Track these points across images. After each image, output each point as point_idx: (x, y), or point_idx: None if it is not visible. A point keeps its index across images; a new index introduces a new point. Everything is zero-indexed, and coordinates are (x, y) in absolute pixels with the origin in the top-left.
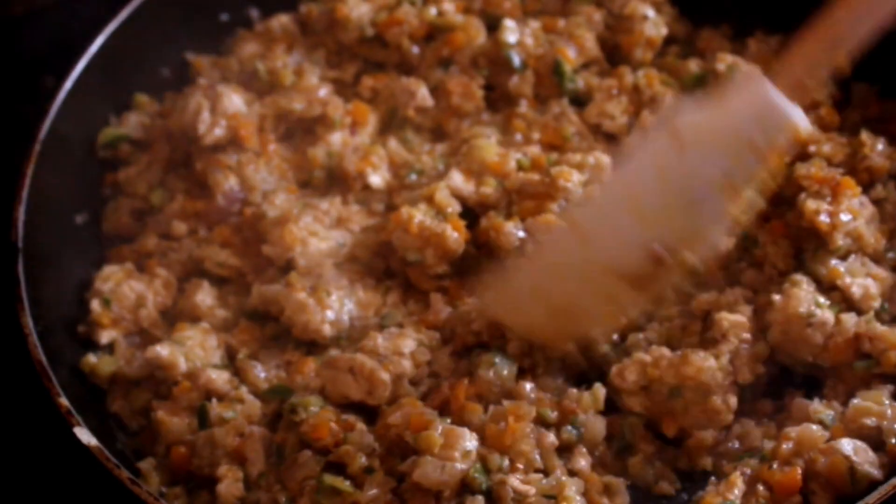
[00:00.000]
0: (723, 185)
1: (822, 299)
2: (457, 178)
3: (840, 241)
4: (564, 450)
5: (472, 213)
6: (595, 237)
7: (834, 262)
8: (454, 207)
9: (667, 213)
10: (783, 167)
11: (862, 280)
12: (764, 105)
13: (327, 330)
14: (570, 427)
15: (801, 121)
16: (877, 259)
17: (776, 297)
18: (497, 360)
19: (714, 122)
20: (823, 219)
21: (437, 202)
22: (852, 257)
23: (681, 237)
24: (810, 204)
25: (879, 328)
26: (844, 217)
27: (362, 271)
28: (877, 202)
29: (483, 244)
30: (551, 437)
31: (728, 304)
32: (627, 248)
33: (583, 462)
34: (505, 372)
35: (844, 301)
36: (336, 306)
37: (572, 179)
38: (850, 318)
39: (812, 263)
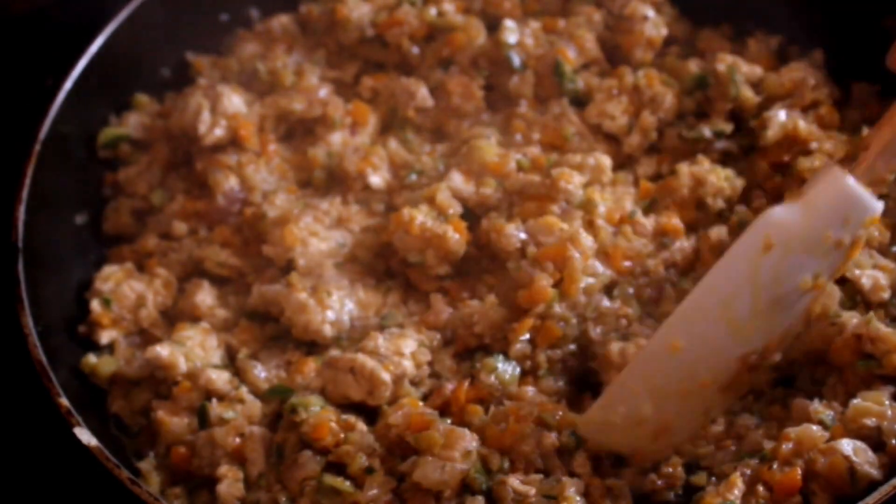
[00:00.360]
0: (811, 286)
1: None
2: (457, 179)
3: None
4: (565, 453)
5: (473, 213)
6: (688, 350)
7: None
8: (455, 209)
9: (757, 319)
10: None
11: (871, 272)
12: (849, 203)
13: (328, 330)
14: (571, 432)
15: (878, 210)
16: (882, 252)
17: None
18: (499, 364)
19: (802, 224)
20: None
21: (439, 203)
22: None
23: (771, 341)
24: None
25: (882, 329)
26: None
27: (363, 271)
28: (879, 198)
29: (484, 245)
30: (552, 437)
31: None
32: (721, 359)
33: (583, 466)
34: (507, 376)
35: (856, 293)
36: (336, 306)
37: (573, 181)
38: (851, 319)
39: None
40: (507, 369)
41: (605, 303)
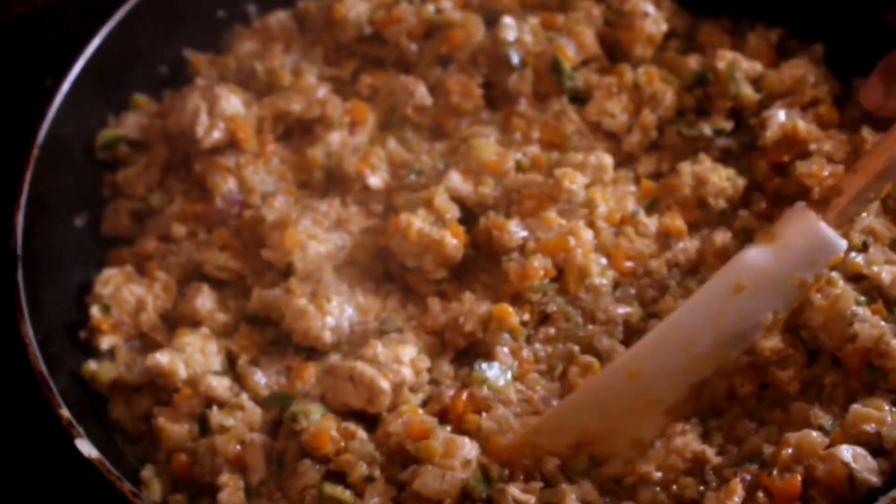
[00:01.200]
0: (770, 322)
1: (861, 297)
2: (455, 179)
3: (856, 238)
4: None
5: (471, 213)
6: (645, 374)
7: (851, 255)
8: (453, 213)
9: (715, 352)
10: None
11: (888, 267)
12: (819, 247)
13: (328, 337)
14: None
15: (843, 249)
16: (893, 249)
17: (816, 297)
18: (489, 374)
19: (773, 268)
20: None
21: (436, 207)
22: (872, 248)
23: (724, 366)
24: None
25: (893, 344)
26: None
27: (362, 275)
28: (880, 199)
29: (482, 244)
30: (555, 460)
31: None
32: (674, 384)
33: (590, 490)
34: (501, 383)
35: (874, 289)
36: (336, 312)
37: (577, 181)
38: (866, 327)
39: None
40: (498, 376)
41: (608, 301)
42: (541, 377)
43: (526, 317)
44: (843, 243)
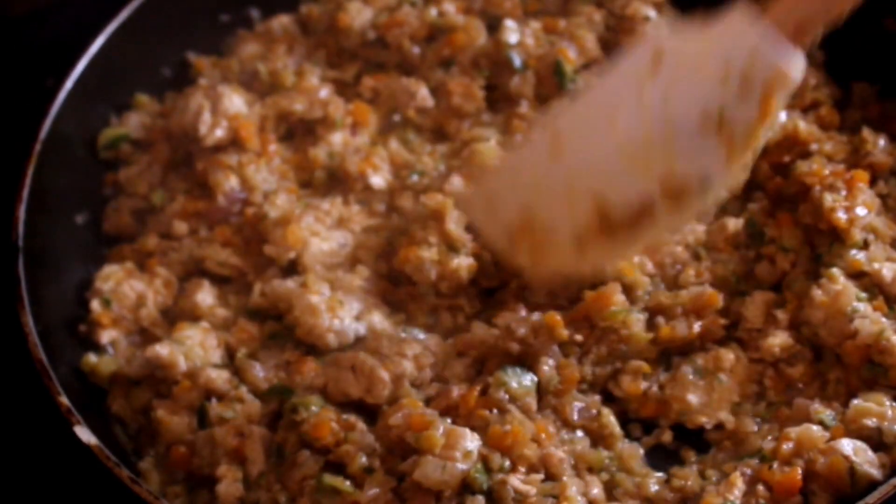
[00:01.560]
0: (712, 120)
1: (861, 293)
2: (456, 182)
3: (858, 236)
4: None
5: None
6: (571, 148)
7: (852, 252)
8: (467, 246)
9: (650, 146)
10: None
11: (889, 264)
12: (756, 38)
13: (331, 339)
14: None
15: (797, 65)
16: (894, 247)
17: (817, 293)
18: (514, 382)
19: (701, 45)
20: (841, 215)
21: (450, 236)
22: (873, 245)
23: (671, 183)
24: (826, 200)
25: (894, 340)
26: (861, 211)
27: (379, 292)
28: (880, 197)
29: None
30: (560, 454)
31: (757, 310)
32: (611, 178)
33: (595, 490)
34: (520, 389)
35: (875, 286)
36: (346, 319)
37: None
38: (866, 323)
39: (828, 257)
40: (523, 381)
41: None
42: (580, 393)
43: (578, 337)
44: (796, 55)
